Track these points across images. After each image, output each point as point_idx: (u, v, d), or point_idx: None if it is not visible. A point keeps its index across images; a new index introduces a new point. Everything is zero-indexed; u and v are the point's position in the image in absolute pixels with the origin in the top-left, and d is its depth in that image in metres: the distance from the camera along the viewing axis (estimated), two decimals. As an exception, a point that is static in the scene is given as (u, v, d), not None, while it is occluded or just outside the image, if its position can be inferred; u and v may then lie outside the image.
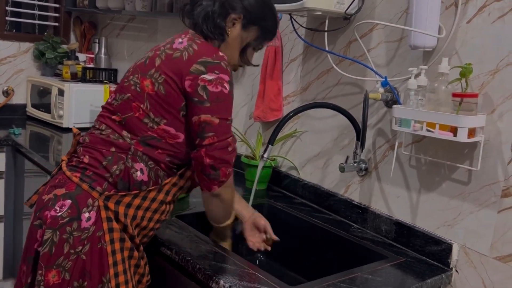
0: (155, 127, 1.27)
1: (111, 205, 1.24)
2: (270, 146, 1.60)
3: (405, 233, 1.57)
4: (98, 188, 1.25)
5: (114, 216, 1.25)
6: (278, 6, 1.66)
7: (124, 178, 1.26)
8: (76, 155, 1.34)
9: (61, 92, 2.72)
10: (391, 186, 1.63)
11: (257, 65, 1.64)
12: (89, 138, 1.32)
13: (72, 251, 1.21)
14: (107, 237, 1.23)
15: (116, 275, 1.24)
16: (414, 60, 1.55)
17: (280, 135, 1.96)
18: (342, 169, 1.65)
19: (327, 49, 1.76)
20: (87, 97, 2.77)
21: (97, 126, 1.34)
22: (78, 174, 1.27)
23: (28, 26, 3.23)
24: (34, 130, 2.77)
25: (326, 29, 1.74)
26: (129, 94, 1.29)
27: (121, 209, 1.25)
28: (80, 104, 2.75)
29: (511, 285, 1.33)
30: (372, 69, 1.63)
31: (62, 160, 1.35)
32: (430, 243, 1.50)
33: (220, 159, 1.26)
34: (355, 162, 1.67)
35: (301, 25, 1.88)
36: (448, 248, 1.46)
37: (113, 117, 1.31)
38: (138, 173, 1.27)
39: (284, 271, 1.74)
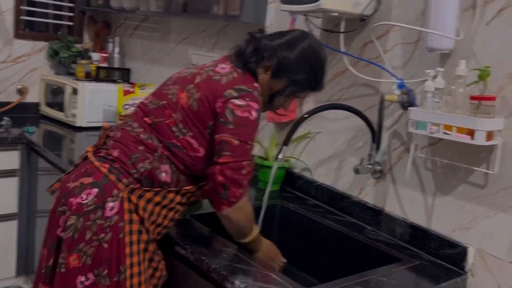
0: (181, 136, 1.34)
1: (133, 198, 1.30)
2: (284, 147, 1.60)
3: (419, 236, 1.56)
4: (125, 181, 1.30)
5: (134, 209, 1.30)
6: (294, 7, 1.67)
7: (147, 177, 1.33)
8: (105, 147, 1.39)
9: (74, 91, 2.73)
10: (406, 188, 1.62)
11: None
12: (120, 134, 1.38)
13: (94, 237, 1.27)
14: (127, 228, 1.28)
15: (131, 265, 1.29)
16: (430, 62, 1.54)
17: (293, 136, 1.96)
18: (356, 171, 1.64)
19: (342, 50, 1.76)
20: (101, 96, 2.78)
21: (130, 123, 1.40)
22: (107, 165, 1.33)
23: (41, 25, 3.26)
24: (48, 128, 2.79)
25: (342, 30, 1.74)
26: (165, 102, 1.37)
27: (142, 203, 1.31)
28: (94, 103, 2.75)
29: (527, 290, 1.33)
30: (388, 71, 1.63)
31: (88, 151, 1.40)
32: (445, 246, 1.49)
33: (231, 179, 1.29)
34: (370, 164, 1.66)
35: (316, 26, 1.88)
36: (463, 251, 1.45)
37: (145, 118, 1.38)
38: (163, 174, 1.34)
39: (296, 273, 1.73)
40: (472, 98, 1.34)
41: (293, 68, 1.39)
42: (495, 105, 1.34)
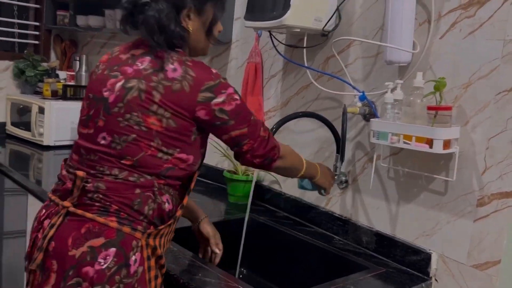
0: (170, 158, 1.24)
1: (151, 241, 1.21)
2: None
3: (385, 244, 1.60)
4: (140, 228, 1.19)
5: (152, 251, 1.22)
6: (258, 24, 1.71)
7: (158, 216, 1.23)
8: (88, 201, 1.21)
9: (41, 110, 2.71)
10: (371, 198, 1.66)
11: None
12: (105, 185, 1.20)
13: None
14: (146, 276, 1.20)
15: None
16: (390, 75, 1.60)
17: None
18: (322, 182, 1.67)
19: (306, 65, 1.80)
20: (68, 114, 2.76)
21: (107, 172, 1.21)
22: (114, 218, 1.18)
23: (6, 44, 3.22)
24: (14, 148, 2.75)
25: (304, 45, 1.78)
26: (134, 135, 1.20)
27: (157, 241, 1.24)
28: (61, 121, 2.74)
29: (488, 292, 1.37)
30: (350, 84, 1.68)
31: (65, 206, 1.20)
32: (409, 253, 1.53)
33: (264, 153, 1.35)
34: (335, 175, 1.70)
35: (280, 42, 1.92)
36: (427, 257, 1.49)
37: (122, 161, 1.21)
38: (166, 204, 1.25)
39: (267, 285, 1.75)
40: (429, 108, 1.39)
41: None
42: (452, 114, 1.39)
